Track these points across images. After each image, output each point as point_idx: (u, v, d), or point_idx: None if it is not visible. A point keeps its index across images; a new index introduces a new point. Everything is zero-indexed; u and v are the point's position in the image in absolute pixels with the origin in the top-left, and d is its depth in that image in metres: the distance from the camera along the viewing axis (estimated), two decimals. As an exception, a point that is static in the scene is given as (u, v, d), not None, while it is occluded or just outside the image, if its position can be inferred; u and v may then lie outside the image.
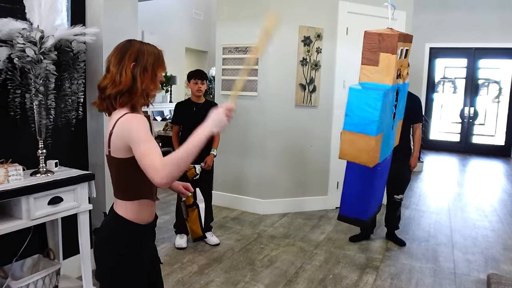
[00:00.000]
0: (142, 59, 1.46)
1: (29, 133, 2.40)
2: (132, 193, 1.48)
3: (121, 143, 1.38)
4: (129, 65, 1.44)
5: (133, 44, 1.49)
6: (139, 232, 1.51)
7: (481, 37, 8.88)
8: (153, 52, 1.50)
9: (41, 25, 2.24)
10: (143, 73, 1.45)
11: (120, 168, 1.45)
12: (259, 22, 4.37)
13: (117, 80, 1.42)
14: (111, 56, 1.48)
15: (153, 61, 1.48)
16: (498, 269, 3.31)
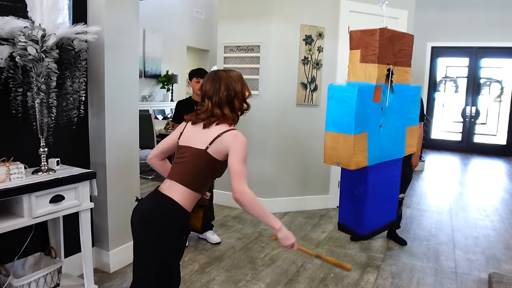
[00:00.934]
0: (231, 86, 1.80)
1: (31, 131, 2.41)
2: (200, 185, 1.77)
3: (222, 149, 1.72)
4: (223, 93, 1.78)
5: (220, 75, 1.82)
6: (187, 217, 1.75)
7: (483, 36, 8.86)
8: (238, 77, 1.84)
9: (43, 24, 2.24)
10: (234, 97, 1.81)
11: (207, 163, 1.75)
12: (261, 20, 4.37)
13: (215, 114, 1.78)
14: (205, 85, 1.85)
15: (241, 86, 1.83)
16: (499, 269, 3.30)
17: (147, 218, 1.71)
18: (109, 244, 3.01)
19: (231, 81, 1.80)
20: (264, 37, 4.38)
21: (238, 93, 1.81)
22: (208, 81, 1.82)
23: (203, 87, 1.84)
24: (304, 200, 4.71)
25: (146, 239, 1.71)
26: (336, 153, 2.27)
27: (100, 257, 3.05)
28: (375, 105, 2.30)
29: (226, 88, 1.78)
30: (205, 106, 1.80)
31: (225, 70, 1.85)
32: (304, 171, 4.66)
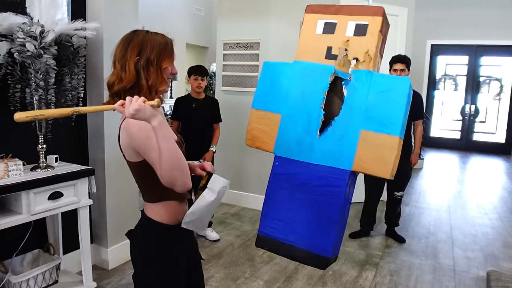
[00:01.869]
0: (146, 51, 1.34)
1: (29, 128, 2.40)
2: (155, 194, 1.41)
3: (129, 149, 1.35)
4: (132, 58, 1.33)
5: (137, 35, 1.39)
6: (169, 233, 1.43)
7: (483, 34, 8.85)
8: (159, 42, 1.38)
9: (41, 20, 2.23)
10: (147, 67, 1.34)
11: (138, 171, 1.40)
12: (260, 18, 4.36)
13: (122, 76, 1.33)
14: (116, 49, 1.39)
15: (159, 52, 1.37)
16: (497, 267, 3.31)
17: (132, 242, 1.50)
18: (108, 241, 3.01)
19: (149, 45, 1.36)
20: (264, 34, 4.37)
21: (153, 61, 1.35)
22: (120, 41, 1.42)
23: (114, 48, 1.42)
24: (303, 197, 4.70)
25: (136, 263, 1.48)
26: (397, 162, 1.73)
27: (99, 254, 3.05)
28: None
29: (139, 51, 1.35)
30: (115, 72, 1.37)
31: (148, 31, 1.44)
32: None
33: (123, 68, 1.33)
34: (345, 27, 1.91)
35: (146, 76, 1.34)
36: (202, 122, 3.55)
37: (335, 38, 1.92)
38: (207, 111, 3.58)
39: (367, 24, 1.87)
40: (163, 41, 1.40)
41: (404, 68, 3.48)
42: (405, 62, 3.49)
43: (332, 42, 1.92)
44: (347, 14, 1.94)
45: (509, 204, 5.22)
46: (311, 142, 1.88)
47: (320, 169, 1.85)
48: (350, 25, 1.90)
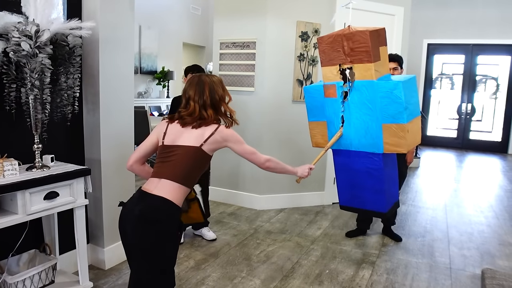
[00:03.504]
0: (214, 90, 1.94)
1: (25, 127, 2.40)
2: (192, 180, 1.87)
3: (217, 145, 1.90)
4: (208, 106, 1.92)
5: (203, 79, 1.95)
6: (180, 214, 1.83)
7: (479, 34, 8.88)
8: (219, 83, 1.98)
9: (36, 19, 2.22)
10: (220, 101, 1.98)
11: (199, 159, 1.86)
12: (257, 17, 4.36)
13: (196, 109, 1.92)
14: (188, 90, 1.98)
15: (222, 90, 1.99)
16: (493, 265, 3.33)
17: (146, 220, 1.72)
18: (104, 240, 3.00)
19: (214, 85, 1.94)
20: (260, 33, 4.37)
21: (221, 96, 1.95)
22: (192, 85, 1.94)
23: (187, 91, 1.95)
24: (300, 196, 4.72)
25: (148, 241, 1.73)
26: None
27: (95, 254, 3.05)
28: (331, 100, 2.64)
29: (210, 91, 1.92)
30: (191, 109, 1.91)
31: (207, 75, 2.00)
32: (300, 167, 4.66)
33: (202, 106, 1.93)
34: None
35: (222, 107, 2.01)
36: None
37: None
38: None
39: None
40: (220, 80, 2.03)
41: (396, 66, 3.52)
42: (397, 61, 3.55)
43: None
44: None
45: (505, 203, 5.24)
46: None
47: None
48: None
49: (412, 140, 2.46)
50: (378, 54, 2.41)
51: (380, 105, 2.41)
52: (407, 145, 2.41)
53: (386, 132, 2.45)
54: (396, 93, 2.33)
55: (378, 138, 2.50)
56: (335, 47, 2.49)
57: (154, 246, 1.74)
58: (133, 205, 1.78)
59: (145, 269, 1.79)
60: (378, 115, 2.45)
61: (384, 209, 2.73)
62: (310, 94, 2.81)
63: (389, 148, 2.47)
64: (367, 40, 2.35)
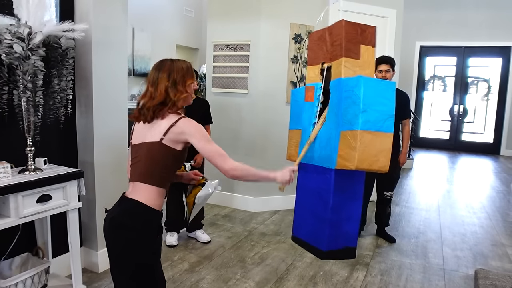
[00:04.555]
0: (173, 75, 1.73)
1: (17, 130, 2.38)
2: (162, 178, 1.71)
3: (179, 136, 1.67)
4: (163, 83, 1.71)
5: (164, 64, 1.77)
6: (157, 217, 1.70)
7: (471, 36, 8.96)
8: (181, 68, 1.77)
9: (29, 21, 2.21)
10: (174, 87, 1.72)
11: (163, 154, 1.68)
12: (250, 19, 4.37)
13: (153, 96, 1.71)
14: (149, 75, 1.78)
15: (183, 74, 1.76)
16: (486, 265, 3.35)
17: (116, 224, 1.68)
18: (98, 243, 2.98)
19: (174, 69, 1.75)
20: (254, 35, 4.38)
21: (179, 81, 1.74)
22: (152, 69, 1.80)
23: (148, 76, 1.79)
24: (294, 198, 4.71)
25: (118, 246, 1.68)
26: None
27: (89, 257, 3.03)
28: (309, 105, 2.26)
29: (168, 75, 1.73)
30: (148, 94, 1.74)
31: (172, 59, 1.82)
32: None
33: (156, 90, 1.71)
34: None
35: (173, 94, 1.71)
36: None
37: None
38: (198, 112, 3.57)
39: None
40: (185, 65, 1.81)
41: (388, 68, 3.53)
42: (390, 63, 3.56)
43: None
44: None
45: (497, 203, 5.28)
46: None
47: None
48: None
49: (368, 157, 1.88)
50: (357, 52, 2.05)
51: (343, 107, 1.97)
52: (357, 160, 1.87)
53: (342, 142, 1.97)
54: (356, 91, 1.89)
55: (334, 149, 2.01)
56: (320, 44, 2.23)
57: (124, 251, 1.67)
58: (111, 210, 1.77)
59: (117, 276, 1.74)
60: (339, 120, 2.00)
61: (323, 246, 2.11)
62: (295, 98, 2.44)
63: (341, 162, 1.96)
64: (341, 31, 2.03)
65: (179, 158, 1.74)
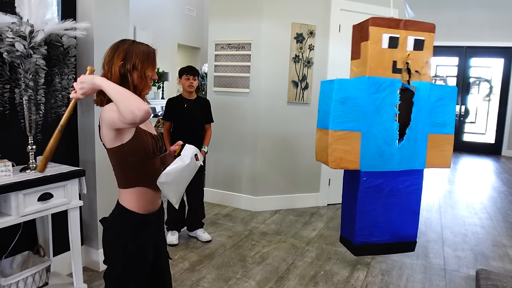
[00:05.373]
0: (130, 58, 1.54)
1: (19, 128, 2.38)
2: (127, 180, 1.60)
3: (108, 135, 1.51)
4: (117, 63, 1.53)
5: (123, 43, 1.58)
6: (138, 221, 1.61)
7: (473, 36, 8.95)
8: (143, 51, 1.58)
9: (31, 19, 2.21)
10: (132, 71, 1.55)
11: (114, 157, 1.58)
12: (252, 18, 4.36)
13: (108, 77, 1.52)
14: (105, 54, 1.58)
15: (142, 60, 1.57)
16: (487, 265, 3.34)
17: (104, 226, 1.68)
18: (99, 242, 2.98)
19: (134, 52, 1.55)
20: (255, 35, 4.37)
21: (137, 67, 1.55)
22: (109, 48, 1.59)
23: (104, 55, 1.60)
24: (295, 198, 4.72)
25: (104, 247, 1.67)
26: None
27: (90, 256, 3.03)
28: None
29: (124, 57, 1.54)
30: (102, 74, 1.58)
31: (134, 40, 1.61)
32: (294, 169, 4.67)
33: (109, 70, 1.54)
34: (406, 42, 2.12)
35: (131, 79, 1.55)
36: (193, 123, 3.54)
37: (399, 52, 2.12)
38: (199, 112, 3.57)
39: (423, 40, 2.12)
40: (147, 50, 1.60)
41: None
42: None
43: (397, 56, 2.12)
44: (406, 29, 2.12)
45: (499, 204, 5.28)
46: (392, 152, 2.13)
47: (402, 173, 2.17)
48: (410, 40, 2.11)
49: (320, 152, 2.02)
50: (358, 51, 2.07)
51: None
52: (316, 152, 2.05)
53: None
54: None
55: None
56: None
57: (106, 251, 1.66)
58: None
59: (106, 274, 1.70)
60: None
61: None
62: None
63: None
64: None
65: (132, 150, 1.53)
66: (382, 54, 2.13)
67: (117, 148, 1.53)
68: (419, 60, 2.12)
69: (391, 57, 2.12)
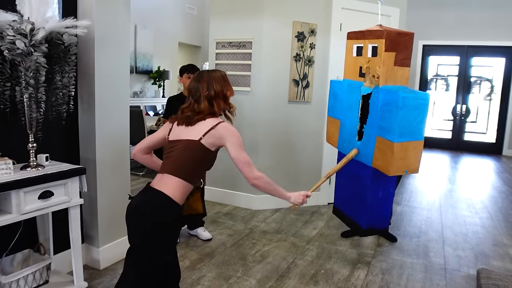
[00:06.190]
0: (212, 87, 1.93)
1: (19, 126, 2.38)
2: (192, 174, 1.85)
3: (216, 140, 1.86)
4: (204, 94, 1.91)
5: (202, 77, 1.96)
6: (177, 210, 1.79)
7: (474, 35, 8.92)
8: (219, 77, 1.96)
9: (31, 17, 2.21)
10: (216, 99, 1.94)
11: (199, 153, 1.85)
12: (253, 17, 4.36)
13: (196, 109, 1.91)
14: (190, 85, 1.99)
15: (222, 85, 1.96)
16: (488, 265, 3.34)
17: (138, 213, 1.75)
18: (99, 240, 2.99)
19: (212, 80, 1.93)
20: (256, 33, 4.37)
21: (219, 92, 1.93)
22: (192, 81, 1.98)
23: (189, 87, 1.98)
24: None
25: (137, 235, 1.76)
26: (405, 161, 2.24)
27: (90, 254, 3.03)
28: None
29: (207, 87, 1.91)
30: (188, 104, 1.95)
31: (208, 70, 2.00)
32: (295, 168, 4.66)
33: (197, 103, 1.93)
34: (367, 49, 2.42)
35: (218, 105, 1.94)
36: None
37: (363, 59, 2.46)
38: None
39: (377, 46, 2.34)
40: (221, 75, 2.00)
41: None
42: None
43: (362, 63, 2.47)
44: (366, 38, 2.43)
45: (499, 203, 5.27)
46: (354, 143, 2.52)
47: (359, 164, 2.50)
48: (369, 48, 2.40)
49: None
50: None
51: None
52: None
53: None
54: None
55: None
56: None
57: (143, 240, 1.75)
58: (135, 199, 1.84)
59: (131, 262, 1.80)
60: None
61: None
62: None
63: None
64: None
65: (211, 158, 1.92)
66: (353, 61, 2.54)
67: (208, 150, 1.86)
68: (375, 66, 2.35)
69: (358, 63, 2.50)
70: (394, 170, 2.23)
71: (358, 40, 2.48)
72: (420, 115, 2.18)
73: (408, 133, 2.16)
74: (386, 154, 2.23)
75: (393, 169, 2.23)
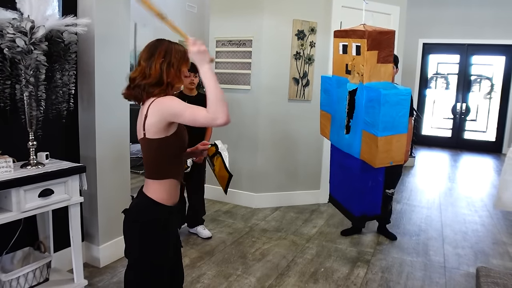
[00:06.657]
0: (170, 56, 1.67)
1: (20, 124, 2.38)
2: (162, 171, 1.69)
3: (158, 123, 1.59)
4: (158, 60, 1.65)
5: (162, 43, 1.71)
6: (166, 213, 1.71)
7: (474, 34, 8.91)
8: (180, 50, 1.71)
9: (31, 15, 2.21)
10: (169, 68, 1.66)
11: (154, 148, 1.65)
12: (253, 15, 4.35)
13: (146, 73, 1.64)
14: (142, 52, 1.71)
15: (179, 58, 1.70)
16: (487, 263, 3.35)
17: (127, 217, 1.75)
18: (99, 238, 2.99)
19: (173, 50, 1.69)
20: (256, 31, 4.36)
21: (174, 64, 1.67)
22: (146, 46, 1.71)
23: (145, 47, 1.72)
24: (295, 195, 4.72)
25: (127, 237, 1.75)
26: (390, 154, 2.36)
27: (90, 252, 3.04)
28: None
29: (164, 54, 1.67)
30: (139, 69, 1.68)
31: (169, 41, 1.74)
32: (295, 166, 4.67)
33: (148, 66, 1.65)
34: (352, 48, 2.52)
35: (168, 75, 1.66)
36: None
37: (348, 57, 2.57)
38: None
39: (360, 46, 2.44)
40: (183, 49, 1.73)
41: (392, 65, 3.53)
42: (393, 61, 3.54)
43: (347, 60, 2.58)
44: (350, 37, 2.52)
45: (499, 202, 5.27)
46: (343, 135, 2.66)
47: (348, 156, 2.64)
48: (353, 47, 2.50)
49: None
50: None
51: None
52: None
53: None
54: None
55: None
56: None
57: (131, 243, 1.73)
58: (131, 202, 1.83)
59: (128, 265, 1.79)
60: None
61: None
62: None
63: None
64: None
65: (173, 143, 1.66)
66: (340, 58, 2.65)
67: (160, 140, 1.63)
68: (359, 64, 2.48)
69: (344, 61, 2.61)
70: (379, 162, 2.36)
71: (343, 38, 2.59)
72: (402, 110, 2.31)
73: (391, 127, 2.30)
74: (371, 147, 2.37)
75: (378, 161, 2.35)
